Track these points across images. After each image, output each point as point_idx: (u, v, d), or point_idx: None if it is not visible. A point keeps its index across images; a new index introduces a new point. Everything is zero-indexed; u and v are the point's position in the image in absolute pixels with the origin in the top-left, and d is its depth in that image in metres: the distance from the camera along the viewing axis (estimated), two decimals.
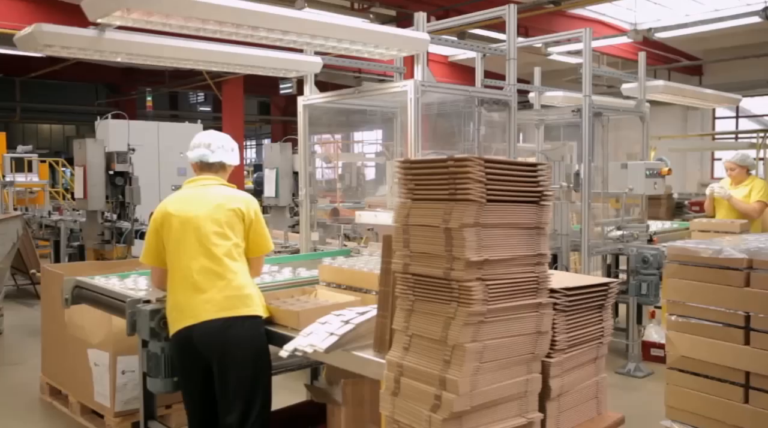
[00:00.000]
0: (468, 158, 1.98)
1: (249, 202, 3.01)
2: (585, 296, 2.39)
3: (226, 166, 3.12)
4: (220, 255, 2.85)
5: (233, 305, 2.81)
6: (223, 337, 2.77)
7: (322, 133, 16.77)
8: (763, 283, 3.19)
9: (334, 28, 3.20)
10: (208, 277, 2.83)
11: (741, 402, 3.26)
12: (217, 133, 3.19)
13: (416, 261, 2.13)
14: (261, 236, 3.00)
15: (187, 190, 3.03)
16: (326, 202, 7.38)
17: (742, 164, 5.78)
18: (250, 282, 2.92)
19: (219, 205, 2.92)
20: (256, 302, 2.87)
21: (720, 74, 16.47)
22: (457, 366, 2.00)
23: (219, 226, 2.88)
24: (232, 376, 2.78)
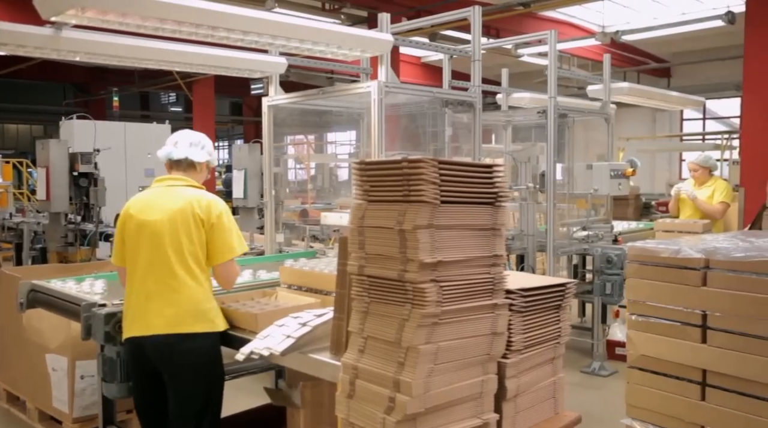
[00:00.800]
0: (421, 160, 1.98)
1: (211, 205, 2.84)
2: (542, 297, 2.41)
3: (195, 163, 2.97)
4: (175, 265, 2.74)
5: (183, 321, 2.71)
6: (173, 354, 2.71)
7: (295, 133, 16.73)
8: (719, 282, 3.24)
9: (296, 28, 3.18)
10: (160, 289, 2.74)
11: (698, 400, 3.30)
12: (189, 130, 3.09)
13: (371, 263, 2.12)
14: (222, 242, 2.81)
15: (153, 190, 2.95)
16: (298, 203, 7.35)
17: (705, 165, 5.90)
18: (204, 297, 2.78)
19: (178, 209, 2.80)
20: (210, 317, 2.76)
21: (687, 76, 16.76)
22: (411, 368, 2.00)
23: (175, 233, 2.76)
24: (181, 395, 2.73)
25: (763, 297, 3.07)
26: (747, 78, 7.58)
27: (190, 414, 2.74)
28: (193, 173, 3.00)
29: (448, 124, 5.17)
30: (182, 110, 21.31)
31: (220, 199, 2.93)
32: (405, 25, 4.80)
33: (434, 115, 5.16)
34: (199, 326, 2.72)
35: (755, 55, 7.44)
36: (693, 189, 6.01)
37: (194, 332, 2.71)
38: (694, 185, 6.05)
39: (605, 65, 5.63)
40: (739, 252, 3.24)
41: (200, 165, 3.01)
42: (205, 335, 2.73)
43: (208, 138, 3.12)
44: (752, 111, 7.57)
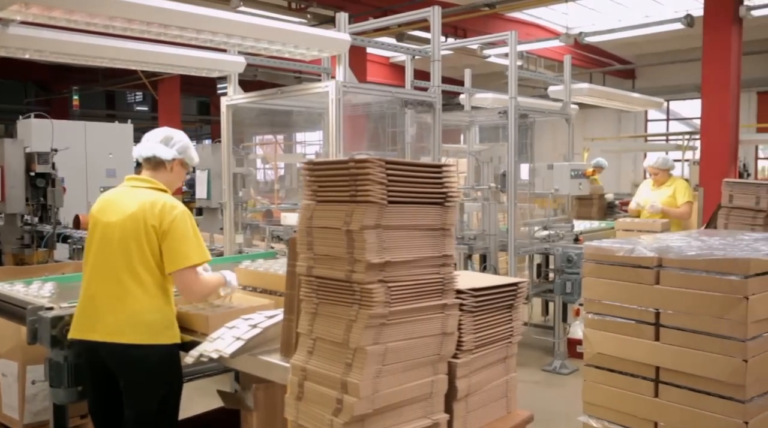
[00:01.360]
0: (368, 160, 1.97)
1: (165, 211, 2.69)
2: (493, 296, 2.41)
3: (164, 161, 2.84)
4: (121, 271, 2.65)
5: (122, 331, 2.63)
6: (124, 362, 2.65)
7: (264, 133, 16.61)
8: (672, 281, 3.29)
9: (252, 27, 3.15)
10: (103, 294, 2.67)
11: (651, 396, 3.35)
12: (165, 128, 2.99)
13: (320, 264, 2.11)
14: (174, 250, 2.66)
15: (118, 189, 2.86)
16: (266, 203, 7.30)
17: (663, 168, 6.04)
18: (150, 308, 2.66)
19: (131, 214, 2.69)
20: (155, 329, 2.66)
21: (651, 78, 17.04)
22: (359, 369, 1.98)
23: (125, 239, 2.67)
24: (135, 403, 2.68)
25: (712, 294, 3.13)
26: (705, 80, 7.74)
27: (146, 421, 2.69)
28: (163, 172, 2.86)
29: (411, 124, 5.19)
30: (148, 109, 21.00)
31: (179, 205, 2.77)
32: (365, 24, 4.79)
33: (399, 115, 5.17)
34: (138, 338, 2.63)
35: (713, 58, 7.60)
36: (652, 189, 6.14)
37: (135, 343, 2.63)
38: (653, 186, 6.17)
39: (566, 66, 5.69)
40: (692, 251, 3.30)
41: (169, 163, 2.87)
42: (148, 347, 2.64)
43: (183, 135, 2.98)
44: (711, 112, 7.73)
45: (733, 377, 3.06)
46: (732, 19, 7.49)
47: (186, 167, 2.98)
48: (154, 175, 2.86)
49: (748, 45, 13.70)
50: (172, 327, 2.71)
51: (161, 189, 2.83)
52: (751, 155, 16.44)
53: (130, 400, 2.69)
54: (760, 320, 3.10)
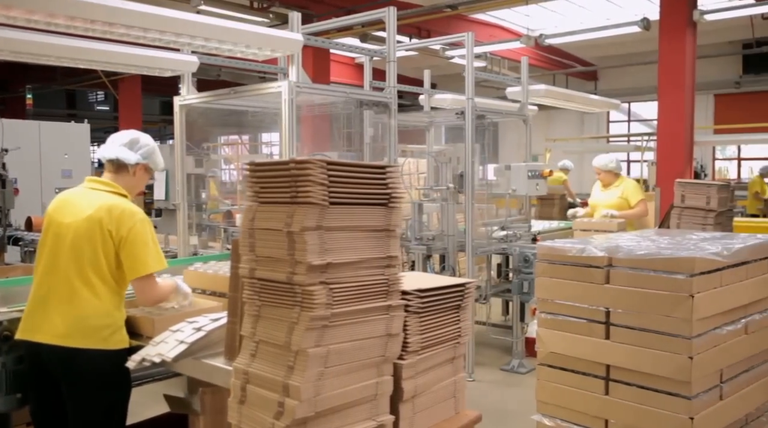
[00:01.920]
0: (309, 161, 1.96)
1: (123, 217, 2.65)
2: (440, 297, 2.41)
3: (127, 165, 2.79)
4: (71, 274, 2.61)
5: (69, 335, 2.58)
6: (66, 367, 2.59)
7: (230, 133, 16.45)
8: (621, 280, 3.34)
9: (201, 26, 3.10)
10: (52, 296, 2.62)
11: (602, 394, 3.40)
12: (132, 130, 2.92)
13: (262, 266, 2.09)
14: (133, 257, 2.62)
15: (77, 190, 2.80)
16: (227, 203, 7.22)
17: (605, 169, 6.14)
18: (99, 312, 2.62)
19: (87, 217, 2.64)
20: (103, 335, 2.61)
21: (613, 80, 17.33)
22: (300, 371, 1.97)
23: (78, 242, 2.62)
24: (78, 410, 2.62)
25: (659, 293, 3.19)
26: (661, 82, 7.88)
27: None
28: (125, 176, 2.82)
29: (371, 125, 5.19)
30: (110, 109, 20.64)
31: (138, 211, 2.73)
32: (321, 25, 4.77)
33: (359, 116, 5.16)
34: (85, 342, 2.58)
35: (668, 61, 7.74)
36: (600, 190, 6.27)
37: (81, 347, 2.58)
38: (601, 187, 6.30)
39: (523, 68, 5.74)
40: (641, 251, 3.35)
41: (133, 167, 2.82)
42: (95, 352, 2.59)
43: (150, 139, 2.92)
44: (667, 114, 7.88)
45: (679, 374, 3.12)
46: (686, 23, 7.64)
47: (150, 172, 2.94)
48: (115, 178, 2.82)
49: (705, 49, 14.06)
50: (121, 332, 2.67)
51: (121, 193, 2.79)
52: (709, 156, 16.82)
53: (74, 407, 2.63)
54: (704, 318, 3.17)
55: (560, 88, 7.09)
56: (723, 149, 17.61)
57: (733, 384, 3.43)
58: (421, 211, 5.39)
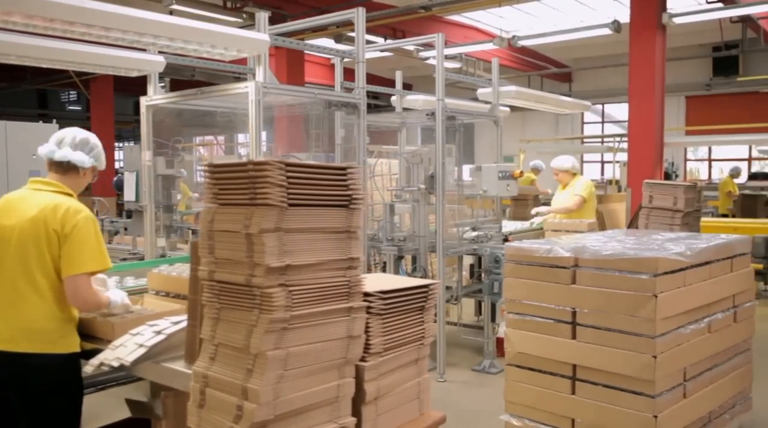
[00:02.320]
0: (267, 162, 1.94)
1: (68, 215, 2.58)
2: (403, 298, 2.41)
3: (78, 168, 2.75)
4: (17, 277, 2.54)
5: (15, 339, 2.52)
6: (13, 372, 2.53)
7: (205, 134, 16.30)
8: (587, 280, 3.37)
9: (164, 26, 3.06)
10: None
11: (569, 394, 3.43)
12: (77, 129, 2.86)
13: (221, 268, 2.07)
14: (71, 255, 2.54)
15: (21, 191, 2.73)
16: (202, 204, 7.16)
17: (563, 169, 6.26)
18: (47, 315, 2.55)
19: (32, 217, 2.58)
20: (51, 338, 2.55)
21: (587, 81, 17.50)
22: (259, 374, 1.95)
23: (24, 243, 2.56)
24: (27, 416, 2.56)
25: (624, 293, 3.23)
26: (632, 84, 7.97)
27: None
28: (73, 177, 2.77)
29: (341, 126, 5.17)
30: (81, 109, 20.35)
31: (84, 209, 2.67)
32: (291, 25, 4.75)
33: (332, 116, 5.15)
34: (33, 346, 2.52)
35: (638, 63, 7.83)
36: (559, 190, 6.40)
37: (28, 352, 2.52)
38: (560, 187, 6.43)
39: (494, 69, 5.76)
40: (607, 251, 3.38)
41: (84, 170, 2.79)
42: (42, 356, 2.53)
43: (97, 139, 2.89)
44: (637, 115, 7.97)
45: (644, 373, 3.16)
46: (656, 26, 7.74)
47: (96, 172, 2.89)
48: (61, 179, 2.76)
49: (676, 51, 14.27)
50: (71, 335, 2.61)
51: (67, 192, 2.73)
52: (681, 157, 17.05)
53: (23, 415, 2.56)
54: (668, 317, 3.21)
55: (530, 90, 7.13)
56: (695, 150, 17.86)
57: (697, 382, 3.48)
58: (393, 212, 5.39)
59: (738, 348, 3.85)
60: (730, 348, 3.76)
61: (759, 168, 15.88)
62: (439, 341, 5.07)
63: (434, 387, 4.97)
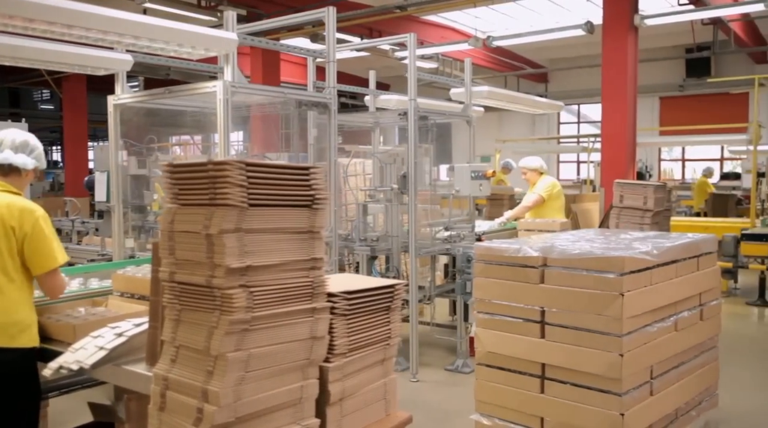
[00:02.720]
0: (226, 162, 1.93)
1: (24, 213, 2.65)
2: (368, 299, 2.40)
3: (20, 170, 2.78)
4: None
5: None
6: None
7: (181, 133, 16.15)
8: (556, 279, 3.39)
9: (129, 24, 3.02)
10: None
11: (538, 393, 3.44)
12: (15, 131, 2.86)
13: (181, 269, 2.05)
14: (42, 252, 2.64)
15: None
16: None
17: (530, 168, 6.33)
18: (4, 308, 2.57)
19: None
20: (10, 332, 2.55)
21: (563, 82, 17.63)
22: (219, 376, 1.93)
23: None
24: None
25: (592, 292, 3.25)
26: (605, 85, 8.05)
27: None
28: (15, 178, 2.79)
29: (314, 126, 5.16)
30: (54, 108, 20.06)
31: (37, 207, 2.73)
32: (257, 25, 4.70)
33: (304, 116, 5.12)
34: None
35: (611, 64, 7.91)
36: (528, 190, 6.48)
37: None
38: (529, 187, 6.51)
39: (466, 69, 5.78)
40: (575, 251, 3.40)
41: (27, 171, 2.83)
42: (3, 350, 2.52)
43: (36, 139, 2.91)
44: (610, 115, 8.05)
45: (610, 371, 3.18)
46: (628, 27, 7.82)
47: (38, 172, 2.93)
48: (3, 180, 2.78)
49: (650, 52, 14.45)
50: (30, 330, 2.62)
51: (15, 192, 2.77)
52: (655, 157, 17.26)
53: None
54: (635, 316, 3.24)
55: (503, 90, 7.17)
56: (670, 150, 18.08)
57: (664, 379, 3.51)
58: (366, 212, 5.38)
59: (704, 345, 3.90)
60: (696, 346, 3.80)
61: (731, 168, 16.12)
62: (412, 341, 5.08)
63: (407, 387, 5.00)
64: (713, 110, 14.92)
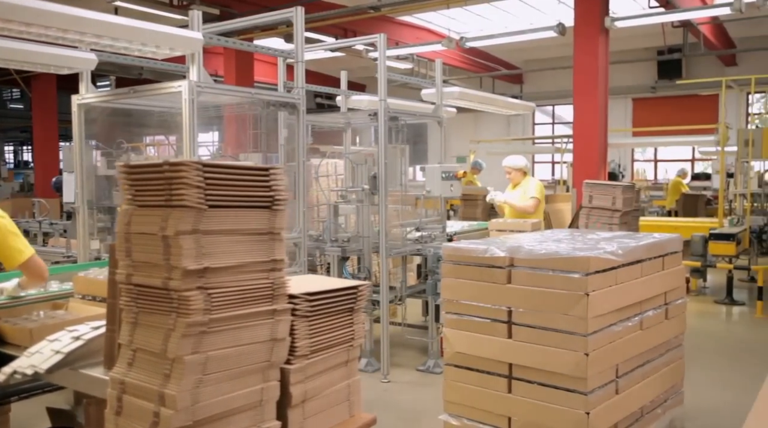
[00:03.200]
0: (183, 162, 1.90)
1: None
2: (330, 300, 2.39)
3: None
4: None
5: None
6: None
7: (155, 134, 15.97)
8: (522, 279, 3.40)
9: (90, 23, 2.97)
10: None
11: (505, 392, 3.46)
12: None
13: (138, 271, 2.02)
14: (12, 246, 2.81)
15: None
16: None
17: (516, 168, 6.32)
18: None
19: None
20: None
21: (537, 83, 17.77)
22: (176, 380, 1.91)
23: None
24: None
25: (557, 292, 3.26)
26: (577, 86, 8.12)
27: None
28: None
29: (285, 126, 5.13)
30: (24, 107, 19.73)
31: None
32: (226, 24, 4.66)
33: (274, 117, 5.09)
34: None
35: (583, 65, 7.98)
36: (509, 189, 6.46)
37: None
38: (510, 186, 6.49)
39: (437, 70, 5.79)
40: (542, 251, 3.42)
41: None
42: None
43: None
44: (582, 116, 8.12)
45: (576, 370, 3.20)
46: (599, 29, 7.89)
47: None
48: None
49: (622, 54, 14.61)
50: None
51: None
52: (628, 158, 17.46)
53: None
54: (600, 315, 3.26)
55: (474, 91, 7.19)
56: (643, 151, 18.30)
57: (629, 378, 3.55)
58: (337, 213, 5.37)
59: (669, 344, 3.94)
60: (661, 345, 3.84)
61: (702, 169, 16.36)
62: (383, 342, 5.07)
63: (378, 388, 4.99)
64: (684, 112, 15.14)
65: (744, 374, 5.25)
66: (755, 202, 8.86)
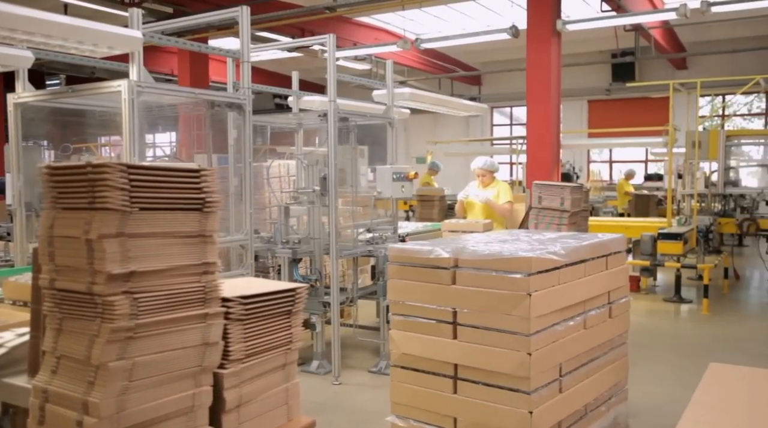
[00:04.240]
0: (105, 164, 1.86)
1: None
2: (267, 303, 2.36)
3: None
4: None
5: None
6: None
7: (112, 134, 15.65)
8: (466, 280, 3.42)
9: (18, 19, 2.88)
10: None
11: (451, 393, 3.47)
12: None
13: (62, 276, 1.96)
14: None
15: None
16: None
17: (491, 169, 6.34)
18: None
19: None
20: None
21: (495, 85, 17.96)
22: (101, 387, 1.86)
23: None
24: None
25: (500, 292, 3.28)
26: (530, 88, 8.22)
27: None
28: None
29: (234, 127, 5.06)
30: None
31: None
32: (169, 23, 4.59)
33: (224, 117, 5.02)
34: None
35: (535, 68, 8.08)
36: (478, 190, 6.41)
37: None
38: (479, 186, 6.45)
39: (387, 71, 5.79)
40: (485, 251, 3.44)
41: None
42: None
43: None
44: (535, 118, 8.22)
45: (519, 370, 3.22)
46: (551, 32, 8.00)
47: None
48: None
49: (579, 57, 14.86)
50: None
51: None
52: (584, 159, 17.75)
53: None
54: (542, 315, 3.29)
55: (425, 92, 7.21)
56: (600, 152, 18.62)
57: (573, 377, 3.59)
58: (288, 214, 5.32)
59: (613, 342, 4.00)
60: (605, 343, 3.90)
61: (655, 169, 16.73)
62: (334, 343, 5.05)
63: (329, 390, 4.97)
64: (637, 113, 15.47)
65: (689, 370, 5.37)
66: (702, 202, 9.09)
